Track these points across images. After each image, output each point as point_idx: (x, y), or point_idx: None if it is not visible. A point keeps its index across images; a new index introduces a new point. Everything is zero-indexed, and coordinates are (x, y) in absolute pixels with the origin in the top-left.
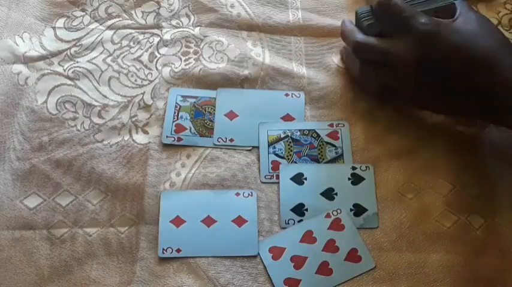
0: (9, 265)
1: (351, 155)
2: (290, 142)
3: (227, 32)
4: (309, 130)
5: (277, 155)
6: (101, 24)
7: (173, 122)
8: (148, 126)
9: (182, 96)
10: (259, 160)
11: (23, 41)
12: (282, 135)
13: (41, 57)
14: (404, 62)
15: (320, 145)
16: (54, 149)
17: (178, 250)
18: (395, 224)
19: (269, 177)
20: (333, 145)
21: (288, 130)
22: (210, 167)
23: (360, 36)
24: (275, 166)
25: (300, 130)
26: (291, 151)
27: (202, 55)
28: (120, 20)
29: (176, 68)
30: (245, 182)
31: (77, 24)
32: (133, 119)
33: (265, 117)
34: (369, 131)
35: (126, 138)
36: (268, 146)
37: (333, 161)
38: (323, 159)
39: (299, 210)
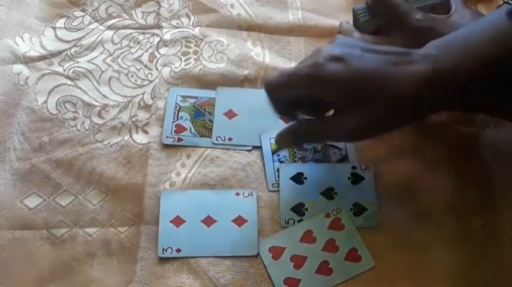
0: (9, 265)
1: (355, 155)
2: (293, 148)
3: (227, 32)
4: None
5: (282, 162)
6: (101, 25)
7: (173, 122)
8: (148, 126)
9: (182, 96)
10: (263, 164)
11: (23, 41)
12: None
13: (41, 58)
14: None
15: (324, 148)
16: (54, 149)
17: (178, 250)
18: (395, 224)
19: (276, 185)
20: (337, 147)
21: None
22: (210, 166)
23: (356, 35)
24: None
25: None
26: (295, 156)
27: (202, 55)
28: (120, 20)
29: (176, 68)
30: (245, 181)
31: (77, 25)
32: (134, 119)
33: (265, 117)
34: None
35: (126, 138)
36: (272, 154)
37: (338, 163)
38: (328, 162)
39: (299, 210)
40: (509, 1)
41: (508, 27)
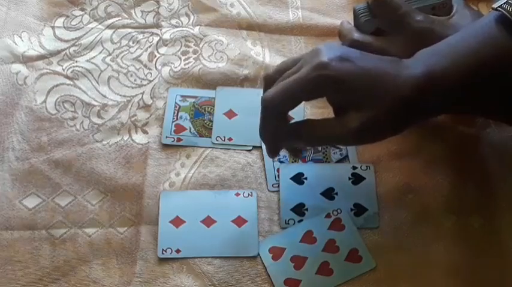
0: (9, 265)
1: (356, 155)
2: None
3: (227, 31)
4: None
5: (282, 162)
6: (100, 24)
7: (173, 122)
8: (147, 126)
9: (181, 96)
10: (263, 164)
11: (22, 40)
12: None
13: (40, 57)
14: None
15: (324, 148)
16: (53, 149)
17: (177, 251)
18: (396, 224)
19: (276, 185)
20: (337, 147)
21: None
22: (210, 167)
23: (356, 35)
24: None
25: None
26: None
27: (201, 54)
28: (119, 20)
29: (176, 67)
30: (245, 182)
31: (76, 24)
32: (133, 119)
33: None
34: None
35: (125, 138)
36: None
37: (338, 163)
38: (329, 162)
39: (299, 210)
40: (498, 8)
41: (497, 32)
